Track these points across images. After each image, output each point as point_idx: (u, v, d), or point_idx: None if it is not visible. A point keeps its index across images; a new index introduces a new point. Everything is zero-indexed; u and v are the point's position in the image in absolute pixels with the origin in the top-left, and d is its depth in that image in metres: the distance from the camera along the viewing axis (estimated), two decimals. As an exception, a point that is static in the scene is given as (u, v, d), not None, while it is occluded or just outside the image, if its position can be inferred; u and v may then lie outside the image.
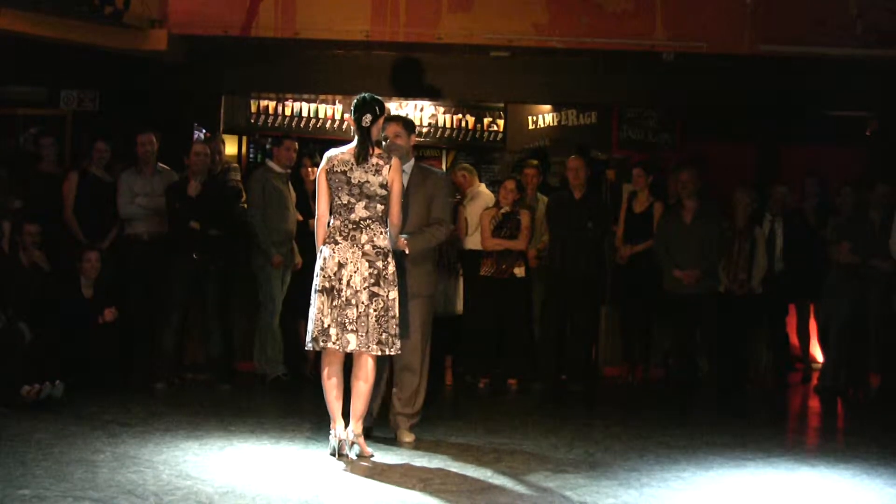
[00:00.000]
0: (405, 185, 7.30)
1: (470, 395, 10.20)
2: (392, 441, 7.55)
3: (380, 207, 6.98)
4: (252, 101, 12.77)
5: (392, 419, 7.68)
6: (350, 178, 6.96)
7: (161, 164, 10.30)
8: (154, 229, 10.09)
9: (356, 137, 7.04)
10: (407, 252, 7.29)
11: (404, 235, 7.29)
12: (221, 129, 12.33)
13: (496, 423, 8.53)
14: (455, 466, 6.88)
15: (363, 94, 7.19)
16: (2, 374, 8.32)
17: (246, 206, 10.43)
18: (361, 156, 6.97)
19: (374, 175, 6.95)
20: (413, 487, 6.27)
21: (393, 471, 6.69)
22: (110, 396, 8.91)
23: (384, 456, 7.08)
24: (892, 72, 11.56)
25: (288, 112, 12.85)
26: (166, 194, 9.95)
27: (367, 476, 6.54)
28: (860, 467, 7.29)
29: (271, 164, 10.40)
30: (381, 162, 6.99)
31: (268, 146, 12.74)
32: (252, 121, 12.82)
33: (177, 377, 9.94)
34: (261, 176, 10.30)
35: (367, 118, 7.03)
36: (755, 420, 9.57)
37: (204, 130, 12.01)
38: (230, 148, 12.61)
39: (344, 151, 7.06)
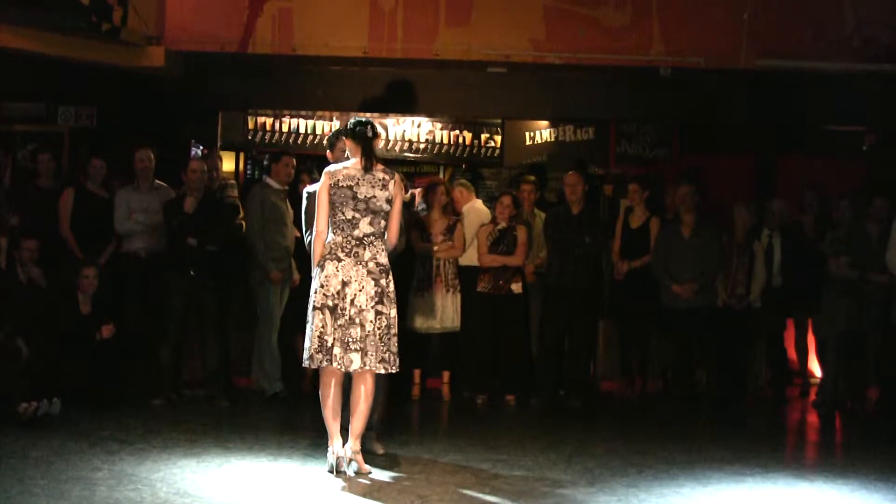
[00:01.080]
0: None
1: (468, 411, 10.18)
2: (389, 456, 7.53)
3: (383, 223, 6.96)
4: (249, 118, 12.81)
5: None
6: (356, 192, 6.91)
7: (158, 181, 10.29)
8: (151, 246, 10.06)
9: (360, 149, 6.99)
10: None
11: None
12: (219, 145, 12.35)
13: (494, 439, 8.50)
14: (453, 483, 6.86)
15: (358, 117, 7.20)
16: (-1, 391, 8.32)
17: (244, 222, 10.42)
18: (368, 166, 6.94)
19: (381, 190, 6.93)
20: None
21: (391, 487, 6.68)
22: (108, 413, 8.88)
23: (382, 473, 7.06)
24: (888, 86, 11.59)
25: (285, 128, 12.89)
26: (164, 211, 9.93)
27: (364, 494, 6.52)
28: (859, 482, 7.28)
29: (269, 180, 10.38)
30: (386, 177, 6.97)
31: (265, 162, 12.77)
32: (249, 137, 12.85)
33: (174, 393, 9.91)
34: (259, 192, 10.29)
35: (370, 130, 7.02)
36: (753, 434, 9.55)
37: (201, 147, 12.02)
38: (227, 164, 12.62)
39: (347, 167, 7.02)
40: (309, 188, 7.61)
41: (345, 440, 6.96)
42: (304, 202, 7.56)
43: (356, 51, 11.48)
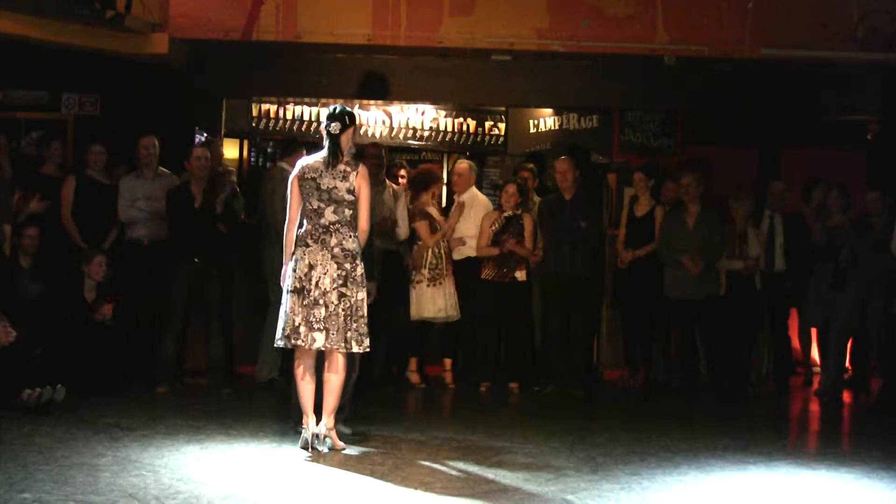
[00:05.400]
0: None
1: (471, 399, 10.19)
2: (393, 443, 7.57)
3: (348, 212, 7.32)
4: (253, 105, 12.77)
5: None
6: (319, 184, 7.31)
7: (162, 168, 10.29)
8: (155, 233, 10.07)
9: (326, 145, 7.36)
10: None
11: None
12: (222, 132, 12.34)
13: (497, 427, 8.53)
14: (456, 470, 6.89)
15: (335, 105, 7.57)
16: (3, 377, 8.31)
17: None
18: (331, 162, 7.31)
19: (341, 181, 7.30)
20: (415, 490, 6.27)
21: (394, 474, 6.69)
22: (111, 400, 8.90)
23: (385, 459, 7.09)
24: (893, 76, 11.56)
25: (289, 116, 12.84)
26: (167, 198, 9.91)
27: (369, 479, 6.54)
28: (861, 470, 7.30)
29: (285, 165, 10.25)
30: (348, 168, 7.34)
31: (269, 150, 12.81)
32: (253, 124, 12.82)
33: (178, 381, 9.93)
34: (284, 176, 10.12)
35: (336, 126, 7.37)
36: (756, 423, 9.57)
37: (205, 134, 11.99)
38: (232, 152, 12.60)
39: (317, 159, 7.40)
40: (291, 175, 7.67)
41: (319, 419, 7.29)
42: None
43: (360, 38, 11.46)
